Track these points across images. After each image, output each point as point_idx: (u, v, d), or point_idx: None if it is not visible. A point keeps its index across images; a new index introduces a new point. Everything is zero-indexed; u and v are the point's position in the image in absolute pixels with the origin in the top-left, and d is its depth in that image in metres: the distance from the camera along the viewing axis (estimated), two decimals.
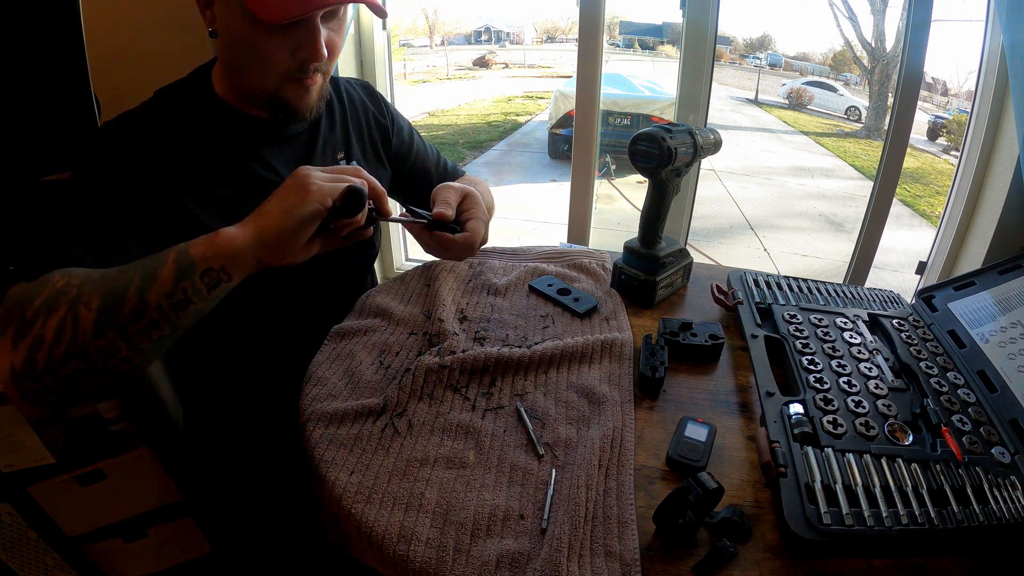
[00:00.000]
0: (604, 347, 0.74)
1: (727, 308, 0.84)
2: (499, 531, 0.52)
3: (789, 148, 7.62)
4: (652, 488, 0.57)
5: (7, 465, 0.97)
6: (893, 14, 7.69)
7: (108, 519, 1.12)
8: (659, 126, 0.79)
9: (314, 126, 0.81)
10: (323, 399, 0.66)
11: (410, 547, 0.50)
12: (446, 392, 0.67)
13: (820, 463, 0.55)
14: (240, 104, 0.72)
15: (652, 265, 0.86)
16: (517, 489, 0.56)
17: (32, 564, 1.10)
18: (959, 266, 1.34)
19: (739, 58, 12.62)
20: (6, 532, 1.04)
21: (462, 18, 17.44)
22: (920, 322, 0.80)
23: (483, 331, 0.78)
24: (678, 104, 1.43)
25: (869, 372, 0.69)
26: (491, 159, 6.93)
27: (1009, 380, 0.66)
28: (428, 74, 13.05)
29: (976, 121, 1.25)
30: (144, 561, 1.19)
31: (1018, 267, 0.80)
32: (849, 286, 0.90)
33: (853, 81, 9.60)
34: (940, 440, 0.59)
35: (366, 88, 0.92)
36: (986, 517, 0.51)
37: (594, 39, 1.37)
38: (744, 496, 0.56)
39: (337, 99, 0.86)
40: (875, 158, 5.98)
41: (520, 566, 0.48)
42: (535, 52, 16.45)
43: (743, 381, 0.72)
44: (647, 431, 0.64)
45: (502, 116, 9.12)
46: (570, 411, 0.65)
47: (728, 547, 0.49)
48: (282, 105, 0.70)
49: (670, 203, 0.85)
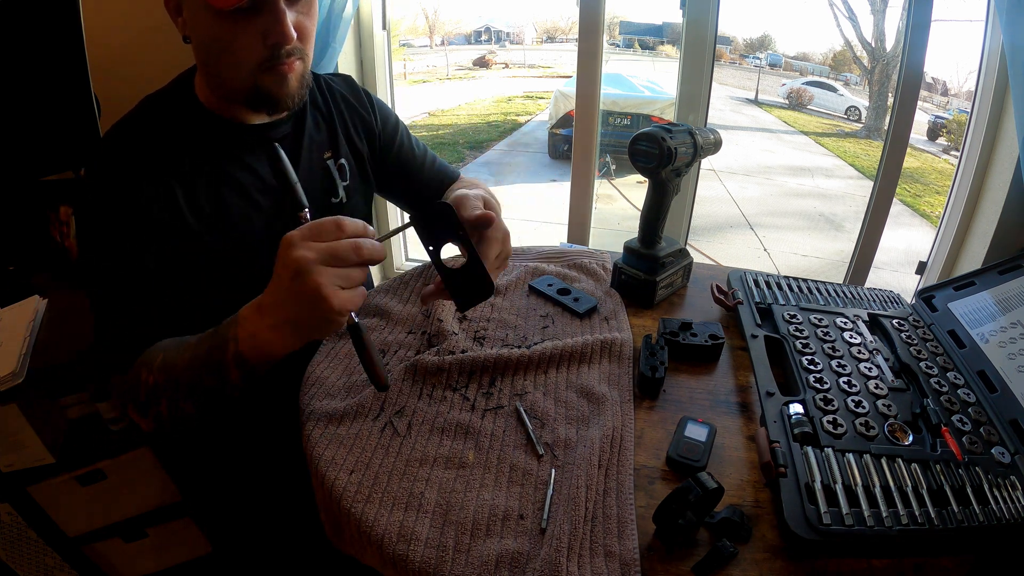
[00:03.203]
0: (604, 347, 0.74)
1: (727, 308, 0.84)
2: (499, 531, 0.52)
3: (789, 148, 7.62)
4: (652, 488, 0.57)
5: (7, 465, 0.97)
6: (893, 14, 7.69)
7: (108, 519, 1.12)
8: (659, 126, 0.78)
9: (298, 127, 0.79)
10: (322, 398, 0.66)
11: (410, 547, 0.50)
12: (445, 392, 0.67)
13: (820, 463, 0.55)
14: (222, 109, 0.72)
15: (652, 265, 0.86)
16: (517, 489, 0.56)
17: (32, 564, 1.10)
18: (959, 266, 1.34)
19: (739, 58, 12.60)
20: (6, 532, 1.04)
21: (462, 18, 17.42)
22: (920, 322, 0.80)
23: (483, 331, 0.78)
24: (678, 104, 1.43)
25: (869, 372, 0.69)
26: (491, 159, 6.92)
27: (1009, 380, 0.66)
28: (428, 74, 13.04)
29: (976, 121, 1.25)
30: (144, 561, 1.19)
31: (1018, 267, 0.80)
32: (849, 286, 0.90)
33: (853, 81, 9.59)
34: (940, 440, 0.59)
35: (347, 82, 0.89)
36: (986, 517, 0.51)
37: (594, 39, 1.37)
38: (744, 496, 0.56)
39: (321, 96, 0.84)
40: (875, 158, 5.97)
41: (520, 566, 0.48)
42: (535, 52, 16.44)
43: (743, 381, 0.72)
44: (647, 431, 0.64)
45: (502, 116, 9.11)
46: (570, 411, 0.65)
47: (728, 547, 0.49)
48: (262, 97, 0.68)
49: (670, 203, 0.85)
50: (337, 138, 0.84)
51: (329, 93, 0.86)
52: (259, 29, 0.63)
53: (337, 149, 0.84)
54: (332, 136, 0.84)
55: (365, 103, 0.89)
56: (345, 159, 0.84)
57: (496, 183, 5.95)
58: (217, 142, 0.72)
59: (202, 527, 1.18)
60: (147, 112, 0.71)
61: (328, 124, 0.84)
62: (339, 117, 0.85)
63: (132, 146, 0.67)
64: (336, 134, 0.84)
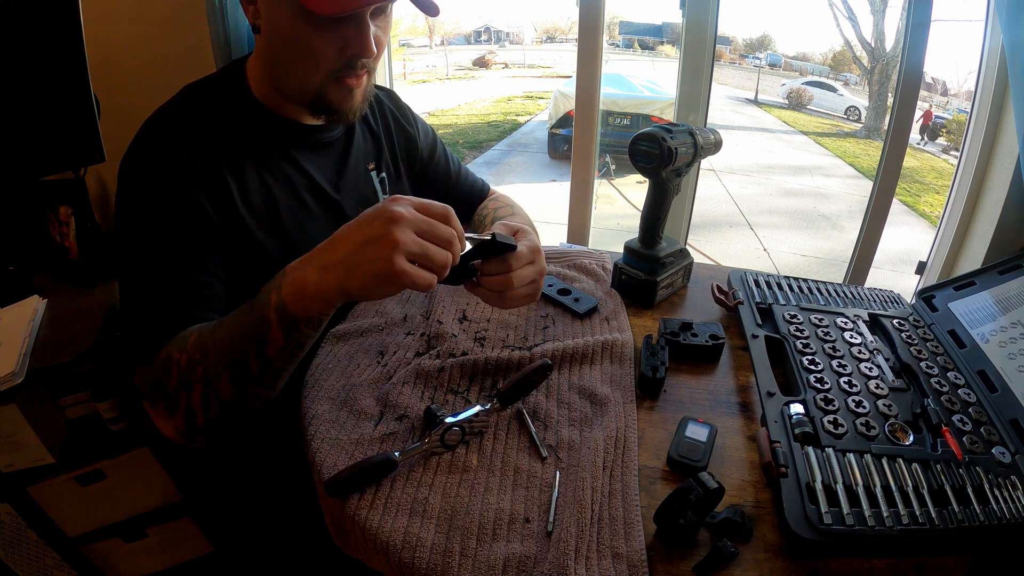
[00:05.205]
0: (605, 348, 0.74)
1: (727, 308, 0.84)
2: (504, 535, 0.51)
3: (788, 148, 7.63)
4: (653, 488, 0.57)
5: (7, 465, 0.97)
6: (893, 14, 7.69)
7: (108, 519, 1.12)
8: (659, 126, 0.78)
9: (349, 135, 0.80)
10: (322, 402, 0.66)
11: (415, 553, 0.49)
12: (447, 395, 0.67)
13: (821, 463, 0.55)
14: (277, 106, 0.71)
15: (652, 265, 0.86)
16: (521, 492, 0.56)
17: (32, 564, 1.10)
18: (959, 266, 1.34)
19: (739, 58, 12.60)
20: (6, 532, 1.04)
21: (462, 18, 17.42)
22: (920, 322, 0.80)
23: (483, 331, 0.78)
24: (678, 104, 1.43)
25: (869, 372, 0.69)
26: (491, 159, 6.92)
27: (1009, 380, 0.66)
28: (428, 74, 13.04)
29: (976, 121, 1.25)
30: (144, 561, 1.19)
31: (1018, 267, 0.80)
32: (849, 286, 0.90)
33: (853, 81, 9.60)
34: (941, 440, 0.59)
35: (391, 96, 0.91)
36: (987, 517, 0.51)
37: (594, 39, 1.36)
38: (745, 496, 0.56)
39: (370, 109, 0.84)
40: (875, 158, 5.98)
41: (527, 569, 0.48)
42: (535, 52, 16.44)
43: (744, 381, 0.73)
44: (648, 431, 0.64)
45: (502, 116, 9.11)
46: (572, 412, 0.65)
47: (729, 547, 0.49)
48: (325, 106, 0.68)
49: (670, 203, 0.85)
50: (382, 152, 0.85)
51: (379, 107, 0.87)
52: (341, 38, 0.63)
53: (380, 162, 0.84)
54: (378, 149, 0.85)
55: (410, 118, 0.91)
56: (387, 173, 0.85)
57: (496, 183, 5.93)
58: (268, 135, 0.71)
59: (202, 527, 1.18)
60: (192, 98, 0.69)
61: (374, 137, 0.85)
62: (386, 132, 0.86)
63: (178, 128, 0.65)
64: (382, 148, 0.85)
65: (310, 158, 0.74)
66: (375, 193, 0.83)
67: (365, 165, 0.82)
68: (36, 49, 1.00)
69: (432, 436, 0.58)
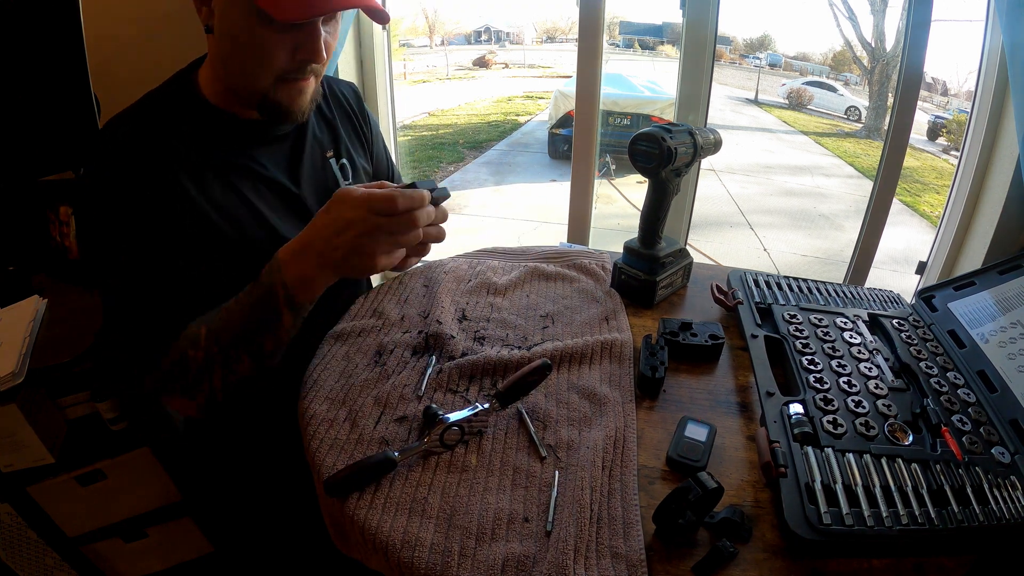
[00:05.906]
0: (604, 348, 0.74)
1: (727, 308, 0.84)
2: (504, 534, 0.51)
3: (788, 148, 7.62)
4: (652, 488, 0.57)
5: (7, 465, 0.97)
6: (893, 14, 7.68)
7: (108, 519, 1.12)
8: (659, 126, 0.78)
9: (301, 125, 0.80)
10: (321, 402, 0.66)
11: (415, 553, 0.50)
12: (446, 396, 0.67)
13: (820, 463, 0.55)
14: (228, 103, 0.72)
15: (652, 265, 0.86)
16: (521, 492, 0.56)
17: (32, 564, 1.10)
18: (959, 266, 1.33)
19: (739, 58, 12.59)
20: (6, 532, 1.04)
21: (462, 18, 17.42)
22: (920, 322, 0.80)
23: (483, 331, 0.78)
24: (678, 104, 1.43)
25: (869, 372, 0.69)
26: (491, 159, 6.92)
27: (1009, 380, 0.66)
28: (428, 74, 13.03)
29: (976, 121, 1.25)
30: (144, 561, 1.19)
31: (1018, 267, 0.80)
32: (849, 286, 0.90)
33: (853, 81, 9.59)
34: (940, 440, 0.59)
35: (353, 91, 0.92)
36: (986, 517, 0.51)
37: (594, 39, 1.37)
38: (744, 496, 0.56)
39: (325, 99, 0.85)
40: (875, 158, 5.98)
41: (526, 569, 0.48)
42: (535, 52, 16.43)
43: (743, 381, 0.73)
44: (647, 431, 0.64)
45: (502, 116, 9.11)
46: (571, 412, 0.65)
47: (728, 547, 0.49)
48: (274, 107, 0.69)
49: (670, 203, 0.85)
50: (340, 140, 0.86)
51: (334, 98, 0.88)
52: (293, 42, 0.65)
53: (339, 150, 0.85)
54: (335, 137, 0.86)
55: (368, 117, 0.93)
56: (347, 159, 0.86)
57: (496, 183, 5.95)
58: (222, 135, 0.72)
59: (202, 527, 1.18)
60: (147, 106, 0.70)
61: (330, 126, 0.86)
62: (342, 122, 0.88)
63: (132, 137, 0.67)
64: (339, 136, 0.86)
65: (266, 153, 0.76)
66: (336, 181, 0.84)
67: (323, 154, 0.83)
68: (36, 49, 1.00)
69: (431, 436, 0.58)
